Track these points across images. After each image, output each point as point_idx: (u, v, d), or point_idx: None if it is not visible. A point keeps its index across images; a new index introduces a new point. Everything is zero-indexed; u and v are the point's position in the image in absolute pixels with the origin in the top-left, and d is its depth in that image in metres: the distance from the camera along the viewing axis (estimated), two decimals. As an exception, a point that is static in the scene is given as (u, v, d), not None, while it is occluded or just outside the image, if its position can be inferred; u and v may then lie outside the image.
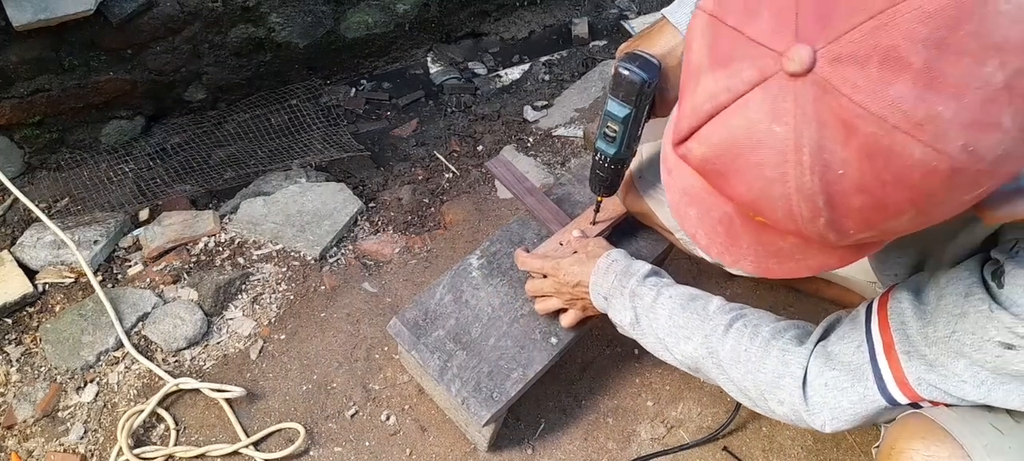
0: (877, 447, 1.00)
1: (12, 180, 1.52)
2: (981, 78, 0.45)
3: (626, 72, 0.92)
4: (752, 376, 0.90)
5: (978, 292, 0.70)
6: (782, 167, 0.51)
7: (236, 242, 1.55)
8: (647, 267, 1.05)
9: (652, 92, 0.95)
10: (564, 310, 1.16)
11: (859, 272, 1.21)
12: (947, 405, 0.77)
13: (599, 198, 1.16)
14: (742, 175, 0.54)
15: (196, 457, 1.24)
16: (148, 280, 1.47)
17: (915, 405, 0.79)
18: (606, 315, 1.08)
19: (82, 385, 1.32)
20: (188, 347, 1.38)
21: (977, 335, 0.70)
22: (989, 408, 0.75)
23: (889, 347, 0.78)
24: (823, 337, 0.88)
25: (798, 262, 0.62)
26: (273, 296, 1.47)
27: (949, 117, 0.46)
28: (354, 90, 2.04)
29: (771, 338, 0.89)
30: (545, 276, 1.15)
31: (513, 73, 2.12)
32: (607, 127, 0.99)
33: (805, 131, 0.49)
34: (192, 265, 1.50)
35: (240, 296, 1.47)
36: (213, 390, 1.30)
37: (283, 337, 1.41)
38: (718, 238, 0.64)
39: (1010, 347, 0.68)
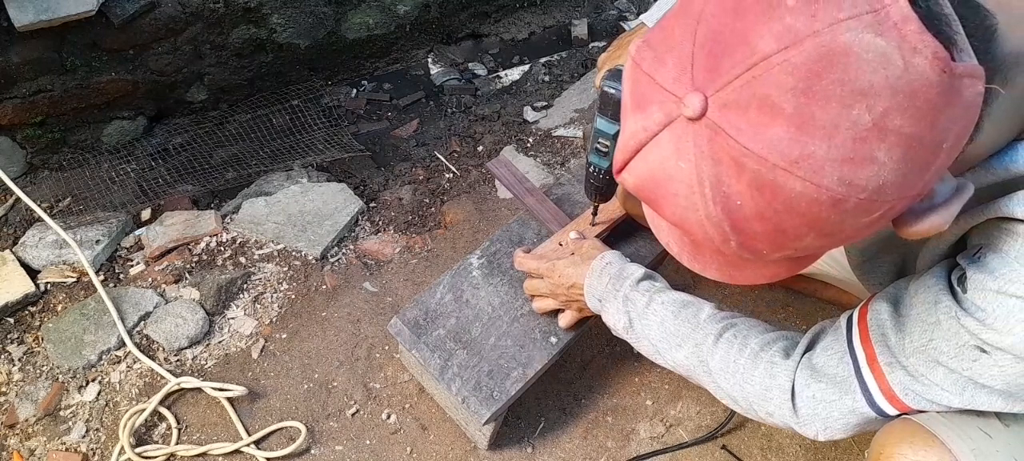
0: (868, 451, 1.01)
1: (14, 180, 1.53)
2: (850, 119, 0.50)
3: (611, 91, 0.94)
4: (741, 387, 0.90)
5: (945, 300, 0.71)
6: (691, 198, 0.56)
7: (238, 242, 1.56)
8: (641, 270, 1.05)
9: None
10: (562, 310, 1.17)
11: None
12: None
13: (595, 203, 1.17)
14: (666, 203, 0.59)
15: (198, 456, 1.24)
16: (150, 279, 1.48)
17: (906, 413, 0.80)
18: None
19: (84, 384, 1.33)
20: (190, 346, 1.39)
21: (951, 342, 0.71)
22: (977, 411, 0.75)
23: (872, 360, 0.79)
24: (809, 348, 0.89)
25: (749, 272, 0.66)
26: (274, 295, 1.48)
27: (822, 155, 0.51)
28: (355, 91, 2.05)
29: (759, 350, 0.90)
30: (542, 277, 1.15)
31: (513, 74, 2.12)
32: (598, 143, 1.01)
33: (704, 167, 0.54)
34: (194, 265, 1.51)
35: (242, 295, 1.47)
36: (215, 389, 1.30)
37: (284, 336, 1.41)
38: (685, 247, 0.68)
39: (983, 351, 0.69)
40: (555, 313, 1.19)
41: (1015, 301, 0.66)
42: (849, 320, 0.84)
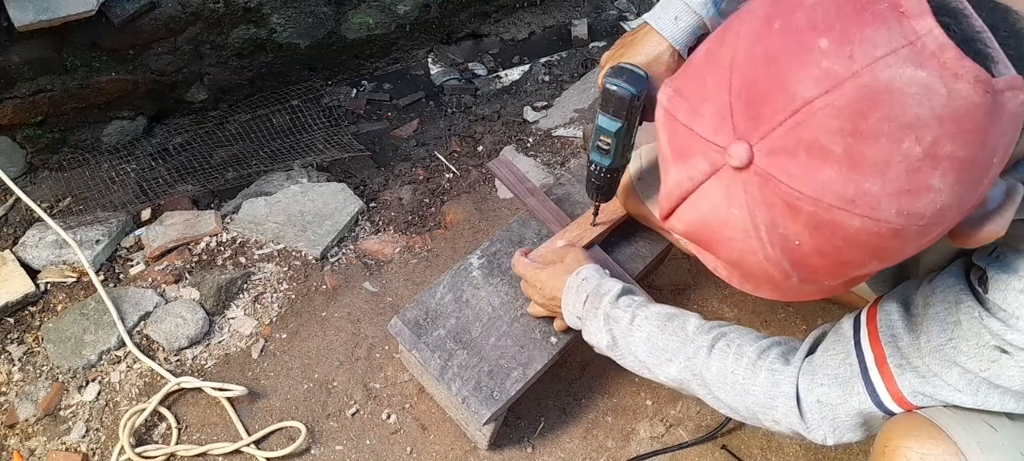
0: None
1: (14, 180, 1.53)
2: (901, 153, 0.50)
3: (614, 88, 0.94)
4: (742, 398, 0.90)
5: (967, 299, 0.71)
6: (748, 242, 0.57)
7: (238, 242, 1.56)
8: (619, 286, 1.04)
9: (642, 103, 0.96)
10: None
11: None
12: None
13: (596, 203, 1.17)
14: (721, 246, 0.60)
15: (198, 456, 1.24)
16: (150, 279, 1.48)
17: None
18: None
19: (84, 384, 1.33)
20: (190, 346, 1.39)
21: (971, 342, 0.71)
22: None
23: (881, 361, 0.79)
24: (810, 352, 0.88)
25: (805, 293, 0.66)
26: (274, 295, 1.48)
27: (878, 191, 0.51)
28: (355, 91, 2.05)
29: (757, 358, 0.89)
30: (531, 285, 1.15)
31: (513, 74, 2.12)
32: (600, 140, 1.00)
33: (758, 213, 0.55)
34: (194, 265, 1.51)
35: (242, 295, 1.47)
36: (215, 389, 1.30)
37: (284, 336, 1.41)
38: (735, 274, 0.68)
39: (1004, 351, 0.69)
40: (550, 317, 1.19)
41: None
42: (856, 321, 0.84)
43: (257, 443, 1.26)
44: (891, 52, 0.50)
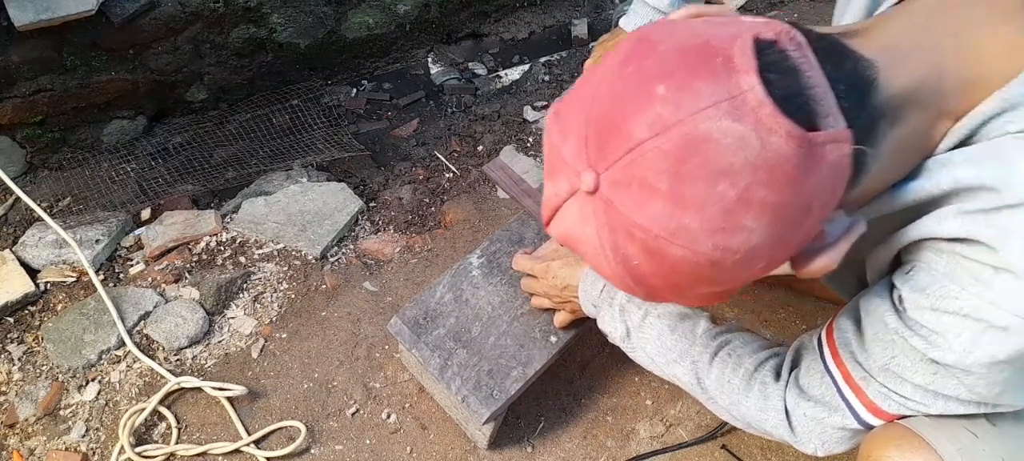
0: None
1: (14, 179, 1.53)
2: (716, 195, 0.55)
3: None
4: (738, 407, 0.91)
5: (892, 320, 0.73)
6: (598, 257, 0.63)
7: (238, 241, 1.56)
8: None
9: None
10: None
11: None
12: None
13: None
14: (584, 256, 0.66)
15: (197, 455, 1.24)
16: (150, 279, 1.48)
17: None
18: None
19: (84, 384, 1.33)
20: (190, 346, 1.39)
21: (909, 358, 0.73)
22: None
23: (848, 377, 0.80)
24: (794, 365, 0.90)
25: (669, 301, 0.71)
26: (274, 295, 1.48)
27: (696, 227, 0.57)
28: (355, 90, 2.05)
29: (753, 371, 0.91)
30: (537, 278, 1.15)
31: (513, 74, 2.12)
32: None
33: (603, 234, 0.61)
34: (194, 264, 1.51)
35: (241, 295, 1.47)
36: (214, 389, 1.30)
37: (284, 336, 1.41)
38: None
39: (937, 364, 0.71)
40: (552, 310, 1.19)
41: (949, 317, 0.67)
42: (819, 340, 0.86)
43: (257, 443, 1.26)
44: (713, 104, 0.55)
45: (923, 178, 0.68)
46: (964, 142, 0.66)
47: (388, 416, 1.31)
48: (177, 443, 1.25)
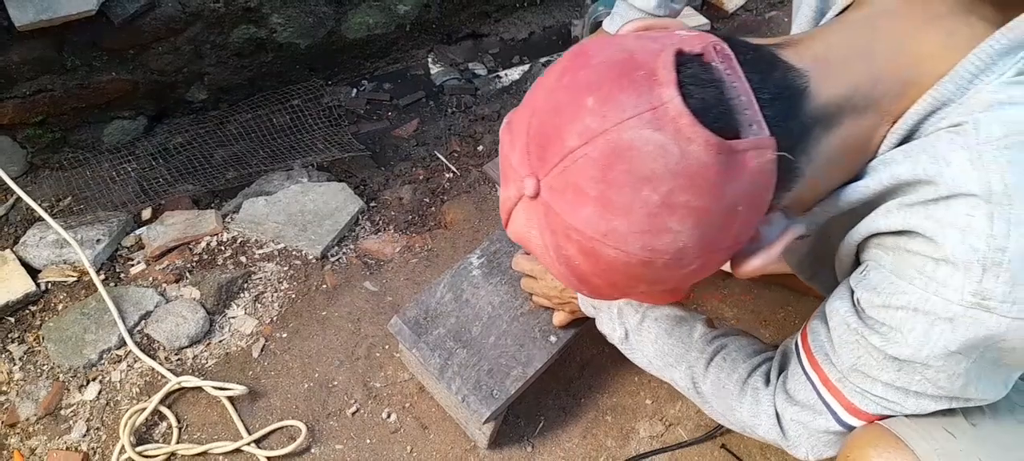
0: None
1: (15, 179, 1.53)
2: (640, 200, 0.59)
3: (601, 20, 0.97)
4: (733, 412, 0.92)
5: (853, 321, 0.74)
6: (545, 257, 0.67)
7: (238, 241, 1.56)
8: None
9: None
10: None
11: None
12: None
13: None
14: (536, 256, 0.69)
15: (198, 455, 1.24)
16: (151, 279, 1.48)
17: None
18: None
19: (85, 383, 1.33)
20: (190, 345, 1.39)
21: (874, 357, 0.73)
22: (941, 412, 0.76)
23: (825, 380, 0.81)
24: (782, 370, 0.90)
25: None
26: (275, 295, 1.48)
27: (624, 229, 0.60)
28: (355, 91, 2.05)
29: (746, 377, 0.91)
30: (536, 278, 1.16)
31: (513, 74, 2.12)
32: None
33: (546, 235, 0.65)
34: (194, 264, 1.51)
35: (242, 295, 1.47)
36: (215, 388, 1.30)
37: (285, 335, 1.42)
38: None
39: (899, 360, 0.71)
40: (552, 310, 1.19)
41: (901, 313, 0.68)
42: (797, 344, 0.87)
43: (257, 442, 1.26)
44: (636, 115, 0.58)
45: (867, 177, 0.70)
46: (904, 141, 0.68)
47: (388, 416, 1.31)
48: (178, 443, 1.25)
